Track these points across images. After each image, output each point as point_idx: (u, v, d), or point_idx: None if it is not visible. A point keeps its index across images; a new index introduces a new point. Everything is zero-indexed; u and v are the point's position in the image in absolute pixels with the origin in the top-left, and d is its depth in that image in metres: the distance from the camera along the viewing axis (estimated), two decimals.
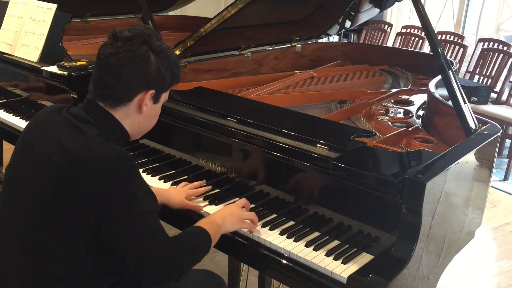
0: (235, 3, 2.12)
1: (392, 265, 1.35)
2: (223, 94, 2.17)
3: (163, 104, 1.47)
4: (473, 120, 1.76)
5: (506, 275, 2.99)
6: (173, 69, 1.41)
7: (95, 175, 1.25)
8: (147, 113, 1.41)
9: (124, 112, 1.37)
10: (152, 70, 1.34)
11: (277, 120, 1.80)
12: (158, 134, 1.98)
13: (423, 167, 1.44)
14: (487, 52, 4.89)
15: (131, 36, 1.33)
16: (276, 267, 1.49)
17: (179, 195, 1.69)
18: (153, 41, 1.35)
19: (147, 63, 1.33)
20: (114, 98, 1.35)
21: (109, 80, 1.33)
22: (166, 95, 1.46)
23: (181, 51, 2.30)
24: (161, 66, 1.36)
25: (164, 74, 1.37)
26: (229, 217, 1.54)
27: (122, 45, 1.31)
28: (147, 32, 1.36)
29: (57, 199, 1.28)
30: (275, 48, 2.92)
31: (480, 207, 1.81)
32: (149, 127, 1.49)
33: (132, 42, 1.32)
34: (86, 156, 1.26)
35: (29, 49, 2.48)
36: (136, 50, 1.32)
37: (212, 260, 2.87)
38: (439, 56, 1.76)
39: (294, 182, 1.62)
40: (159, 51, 1.35)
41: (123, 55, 1.31)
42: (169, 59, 1.38)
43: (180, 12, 4.46)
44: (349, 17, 2.94)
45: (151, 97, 1.38)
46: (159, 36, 1.40)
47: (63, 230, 1.29)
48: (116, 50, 1.31)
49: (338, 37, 5.86)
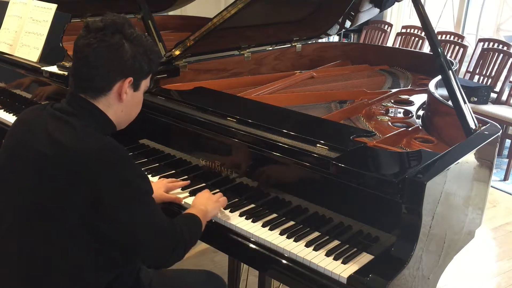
0: (235, 3, 2.12)
1: (392, 265, 1.35)
2: (223, 94, 2.17)
3: (163, 104, 1.48)
4: (473, 120, 1.76)
5: (506, 275, 2.99)
6: (150, 56, 1.41)
7: (89, 165, 1.26)
8: (128, 102, 1.42)
9: (105, 102, 1.39)
10: (127, 58, 1.35)
11: (277, 120, 1.80)
12: (158, 134, 1.98)
13: (423, 167, 1.44)
14: (487, 52, 4.89)
15: (103, 26, 1.34)
16: (276, 267, 1.49)
17: (159, 189, 1.70)
18: (125, 29, 1.36)
19: (121, 51, 1.34)
20: (93, 89, 1.37)
21: (86, 71, 1.35)
22: (146, 82, 1.47)
23: (181, 51, 2.30)
24: (136, 53, 1.37)
25: (140, 60, 1.38)
26: (208, 202, 1.61)
27: (95, 35, 1.33)
28: (119, 21, 1.37)
29: (52, 193, 1.28)
30: (275, 48, 2.92)
31: (480, 207, 1.81)
32: (133, 115, 1.50)
33: (105, 32, 1.33)
34: (78, 147, 1.28)
35: (29, 49, 2.48)
36: (110, 40, 1.33)
37: (212, 260, 2.87)
38: (439, 56, 1.76)
39: (294, 182, 1.62)
40: (133, 39, 1.36)
41: (96, 45, 1.32)
42: (144, 45, 1.39)
43: (180, 12, 4.46)
44: (349, 17, 2.94)
45: (130, 85, 1.39)
46: (132, 24, 1.40)
47: (59, 224, 1.29)
48: (89, 41, 1.33)
49: (338, 37, 5.86)
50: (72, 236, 1.30)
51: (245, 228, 1.58)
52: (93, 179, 1.26)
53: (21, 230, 1.34)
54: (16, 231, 1.35)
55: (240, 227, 1.58)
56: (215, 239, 1.67)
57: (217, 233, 1.63)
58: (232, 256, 2.04)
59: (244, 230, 1.57)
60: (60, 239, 1.30)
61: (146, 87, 1.48)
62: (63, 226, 1.29)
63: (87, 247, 1.32)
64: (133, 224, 1.31)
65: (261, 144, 1.66)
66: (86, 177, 1.26)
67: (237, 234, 1.58)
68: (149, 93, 2.08)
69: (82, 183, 1.26)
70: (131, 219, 1.30)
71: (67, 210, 1.27)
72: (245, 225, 1.59)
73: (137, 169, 1.37)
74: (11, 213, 1.36)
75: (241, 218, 1.63)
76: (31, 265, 1.33)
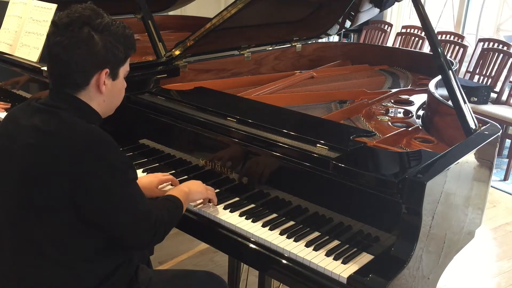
0: (235, 3, 2.12)
1: (392, 265, 1.35)
2: (223, 94, 2.17)
3: (163, 104, 1.48)
4: (473, 120, 1.76)
5: (506, 275, 2.99)
6: (123, 41, 1.40)
7: (75, 149, 1.28)
8: (109, 91, 1.43)
9: (86, 95, 1.39)
10: (99, 50, 1.34)
11: (277, 120, 1.80)
12: (158, 134, 1.99)
13: (423, 167, 1.44)
14: (487, 52, 4.89)
15: (70, 22, 1.33)
16: (276, 267, 1.49)
17: (152, 183, 1.71)
18: (93, 21, 1.34)
19: (92, 44, 1.33)
20: (72, 85, 1.37)
21: (61, 69, 1.36)
22: (125, 68, 1.46)
23: (181, 51, 2.30)
24: (107, 43, 1.35)
25: (113, 49, 1.37)
26: (194, 187, 1.63)
27: (63, 32, 1.32)
28: (85, 13, 1.35)
29: (41, 178, 1.30)
30: (275, 48, 2.92)
31: (480, 207, 1.81)
32: (118, 102, 1.51)
33: (72, 27, 1.32)
34: (64, 133, 1.30)
35: (29, 49, 2.48)
36: (78, 35, 1.32)
37: (212, 260, 2.87)
38: (439, 56, 1.76)
39: (294, 182, 1.62)
40: (102, 29, 1.35)
41: (66, 42, 1.32)
42: (114, 33, 1.37)
43: (180, 12, 4.46)
44: (349, 17, 2.94)
45: (107, 76, 1.39)
46: (100, 12, 1.38)
47: (49, 212, 1.31)
48: (59, 38, 1.32)
49: (338, 37, 5.86)
50: (64, 222, 1.32)
51: (245, 228, 1.58)
52: (78, 161, 1.27)
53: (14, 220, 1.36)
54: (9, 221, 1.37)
55: (240, 227, 1.58)
56: (215, 239, 1.67)
57: (217, 233, 1.63)
58: (232, 256, 2.04)
59: (244, 230, 1.57)
60: (52, 226, 1.32)
61: (126, 71, 1.47)
62: (54, 212, 1.31)
63: (78, 234, 1.34)
64: (116, 208, 1.33)
65: (261, 144, 1.66)
66: (72, 160, 1.27)
67: (237, 234, 1.58)
68: (149, 93, 2.09)
69: (69, 167, 1.27)
70: (114, 202, 1.32)
71: (57, 194, 1.29)
72: (245, 225, 1.59)
73: (122, 156, 1.38)
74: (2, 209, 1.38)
75: (241, 218, 1.63)
76: (24, 253, 1.35)
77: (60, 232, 1.33)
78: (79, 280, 1.37)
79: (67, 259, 1.34)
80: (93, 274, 1.39)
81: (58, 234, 1.33)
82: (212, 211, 1.65)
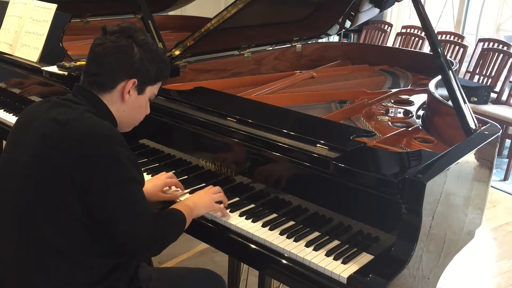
0: (235, 3, 2.12)
1: (392, 265, 1.35)
2: (223, 94, 2.17)
3: (163, 104, 1.49)
4: (473, 120, 1.76)
5: (506, 275, 2.99)
6: (159, 63, 1.50)
7: (84, 140, 1.31)
8: (131, 103, 1.48)
9: (109, 98, 1.46)
10: (135, 61, 1.44)
11: (277, 120, 1.80)
12: (158, 134, 1.99)
13: (423, 167, 1.44)
14: (487, 52, 4.89)
15: (118, 30, 1.45)
16: (276, 267, 1.49)
17: (156, 186, 1.71)
18: (137, 36, 1.45)
19: (129, 53, 1.43)
20: (99, 85, 1.45)
21: (94, 68, 1.44)
22: (153, 90, 1.53)
23: (181, 51, 2.30)
24: (144, 58, 1.45)
25: (147, 65, 1.46)
26: (199, 201, 1.62)
27: (109, 37, 1.44)
28: (133, 27, 1.47)
29: (48, 169, 1.32)
30: (275, 48, 2.92)
31: (480, 207, 1.81)
32: (136, 119, 1.56)
33: (118, 35, 1.44)
34: (76, 123, 1.34)
35: (29, 49, 2.48)
36: (120, 41, 1.43)
37: (212, 260, 2.87)
38: (439, 56, 1.76)
39: (294, 182, 1.62)
40: (143, 44, 1.45)
41: (108, 45, 1.43)
42: (153, 52, 1.48)
43: (180, 12, 4.47)
44: (349, 17, 2.94)
45: (134, 87, 1.46)
46: (146, 33, 1.50)
47: (54, 202, 1.32)
48: (102, 41, 1.44)
49: (338, 37, 5.86)
50: (69, 215, 1.32)
51: (245, 228, 1.58)
52: (86, 154, 1.30)
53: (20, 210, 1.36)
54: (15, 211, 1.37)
55: (240, 227, 1.58)
56: (215, 239, 1.67)
57: (217, 233, 1.63)
58: (232, 256, 2.04)
59: (244, 230, 1.57)
60: (57, 218, 1.32)
61: (153, 94, 1.54)
62: (60, 203, 1.32)
63: (83, 228, 1.34)
64: (116, 208, 1.33)
65: (261, 144, 1.66)
66: (80, 152, 1.30)
67: (237, 234, 1.58)
68: None
69: (78, 159, 1.29)
70: (114, 197, 1.33)
71: (65, 187, 1.30)
72: (245, 225, 1.59)
73: (132, 156, 1.39)
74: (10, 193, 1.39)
75: (241, 218, 1.63)
76: (26, 244, 1.35)
77: (65, 225, 1.33)
78: (80, 276, 1.37)
79: (70, 253, 1.35)
80: (95, 270, 1.39)
81: (62, 227, 1.33)
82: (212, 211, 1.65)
